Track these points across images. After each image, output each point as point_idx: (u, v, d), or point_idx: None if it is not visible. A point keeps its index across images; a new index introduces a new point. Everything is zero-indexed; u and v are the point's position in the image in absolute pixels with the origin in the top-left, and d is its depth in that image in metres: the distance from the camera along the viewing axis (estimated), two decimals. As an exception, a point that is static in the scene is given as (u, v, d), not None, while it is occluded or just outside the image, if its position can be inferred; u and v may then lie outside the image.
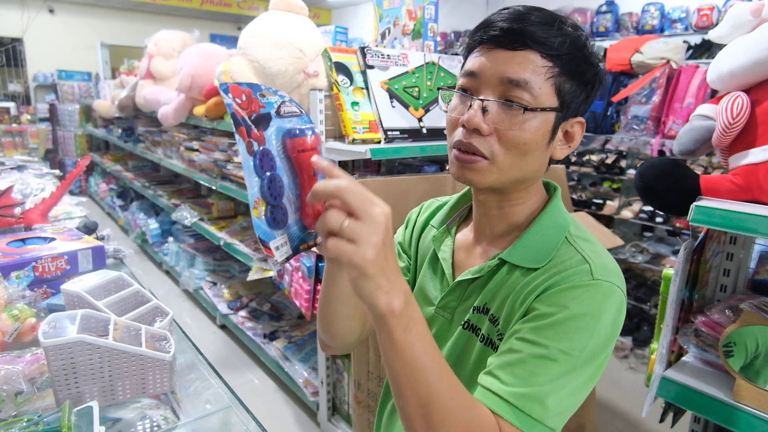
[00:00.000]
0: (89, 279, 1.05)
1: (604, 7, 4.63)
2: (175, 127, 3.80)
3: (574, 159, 4.02)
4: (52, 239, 1.34)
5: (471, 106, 0.71)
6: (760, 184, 1.11)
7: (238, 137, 0.58)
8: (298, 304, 2.24)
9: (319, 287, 2.09)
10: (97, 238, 1.47)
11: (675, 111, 2.66)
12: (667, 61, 2.71)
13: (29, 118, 6.29)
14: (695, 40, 4.09)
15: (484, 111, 0.71)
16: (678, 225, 3.24)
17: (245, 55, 2.10)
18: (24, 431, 0.70)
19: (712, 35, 1.31)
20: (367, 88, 2.02)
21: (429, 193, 1.91)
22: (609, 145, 3.04)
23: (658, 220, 3.26)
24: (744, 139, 1.17)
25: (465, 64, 0.77)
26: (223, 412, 0.93)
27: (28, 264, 1.18)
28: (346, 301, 0.77)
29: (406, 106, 2.07)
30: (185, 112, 3.31)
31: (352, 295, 0.76)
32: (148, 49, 3.97)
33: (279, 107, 0.62)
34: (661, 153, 2.71)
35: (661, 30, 4.28)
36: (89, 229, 1.69)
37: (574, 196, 3.83)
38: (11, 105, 5.67)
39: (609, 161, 3.81)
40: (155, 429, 0.84)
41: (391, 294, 0.56)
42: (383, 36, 2.37)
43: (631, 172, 3.61)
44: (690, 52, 4.00)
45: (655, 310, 3.13)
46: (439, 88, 0.81)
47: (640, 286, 3.39)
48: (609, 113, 2.99)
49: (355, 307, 0.79)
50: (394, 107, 2.04)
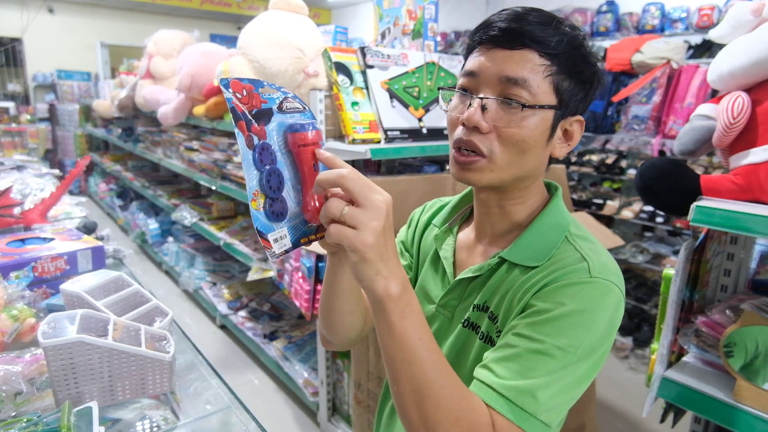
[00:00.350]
0: (89, 279, 1.04)
1: (604, 7, 4.63)
2: (175, 127, 3.80)
3: (574, 159, 4.02)
4: (52, 239, 1.34)
5: (470, 105, 0.73)
6: (761, 183, 1.11)
7: (237, 131, 0.59)
8: (298, 304, 2.23)
9: (319, 287, 2.08)
10: (97, 238, 1.46)
11: (675, 111, 2.66)
12: (668, 60, 2.70)
13: (29, 118, 6.28)
14: (696, 39, 4.09)
15: (484, 109, 0.72)
16: (678, 225, 3.24)
17: (245, 55, 2.10)
18: (23, 431, 0.70)
19: (713, 35, 1.31)
20: (367, 88, 2.02)
21: (429, 193, 1.91)
22: (609, 145, 3.04)
23: (659, 220, 3.26)
24: (744, 138, 1.17)
25: (465, 64, 0.78)
26: (223, 413, 0.93)
27: (28, 264, 1.18)
28: (347, 297, 0.78)
29: (406, 106, 2.07)
30: (185, 111, 3.31)
31: (354, 291, 0.78)
32: (148, 48, 3.97)
33: (281, 103, 0.63)
34: (661, 153, 2.70)
35: (662, 30, 4.28)
36: (89, 229, 1.69)
37: (575, 196, 3.83)
38: (11, 105, 5.67)
39: (609, 161, 3.81)
40: (155, 429, 0.84)
41: (389, 279, 0.60)
42: (383, 36, 2.36)
43: (632, 172, 3.61)
44: (690, 51, 4.00)
45: (656, 311, 3.13)
46: (439, 88, 0.82)
47: (640, 287, 3.39)
48: (609, 113, 2.98)
49: (356, 302, 0.81)
50: (394, 107, 2.03)
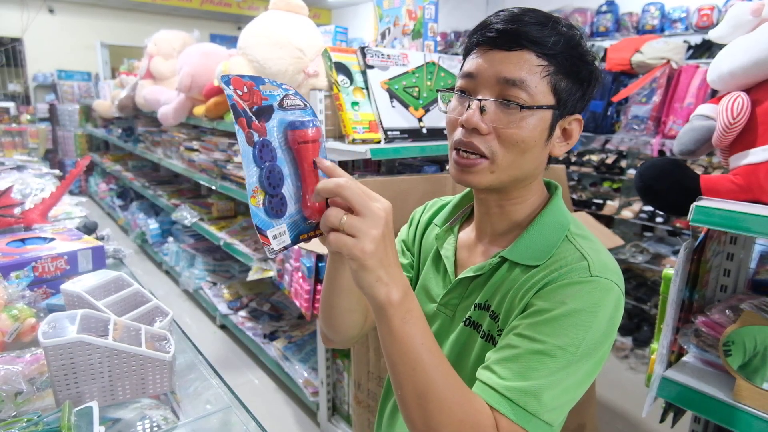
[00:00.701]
0: (89, 279, 1.05)
1: (604, 7, 4.63)
2: (175, 127, 3.80)
3: (574, 159, 4.01)
4: (52, 239, 1.34)
5: (469, 107, 0.73)
6: (761, 184, 1.11)
7: (237, 128, 0.59)
8: (298, 304, 2.23)
9: (319, 287, 2.08)
10: (97, 238, 1.47)
11: (675, 111, 2.66)
12: (668, 61, 2.70)
13: (29, 118, 6.28)
14: (695, 40, 4.09)
15: (482, 111, 0.72)
16: (678, 225, 3.24)
17: (245, 55, 2.10)
18: (24, 431, 0.70)
19: (713, 35, 1.31)
20: (367, 88, 2.02)
21: (429, 193, 1.91)
22: (609, 145, 3.04)
23: (659, 220, 3.26)
24: (744, 139, 1.17)
25: (463, 65, 0.78)
26: (223, 413, 0.93)
27: (28, 264, 1.18)
28: (348, 295, 0.79)
29: (406, 106, 2.07)
30: (185, 112, 3.31)
31: (354, 290, 0.78)
32: (148, 49, 3.97)
33: (282, 100, 0.63)
34: (661, 153, 2.71)
35: (662, 30, 4.28)
36: (89, 229, 1.69)
37: (574, 196, 3.83)
38: (11, 105, 5.67)
39: (609, 161, 3.81)
40: (155, 429, 0.84)
41: (390, 286, 0.60)
42: (383, 36, 2.37)
43: (632, 172, 3.61)
44: (690, 52, 4.00)
45: (656, 311, 3.13)
46: (438, 90, 0.82)
47: (640, 286, 3.39)
48: (609, 113, 2.99)
49: (357, 301, 0.81)
50: (394, 107, 2.03)
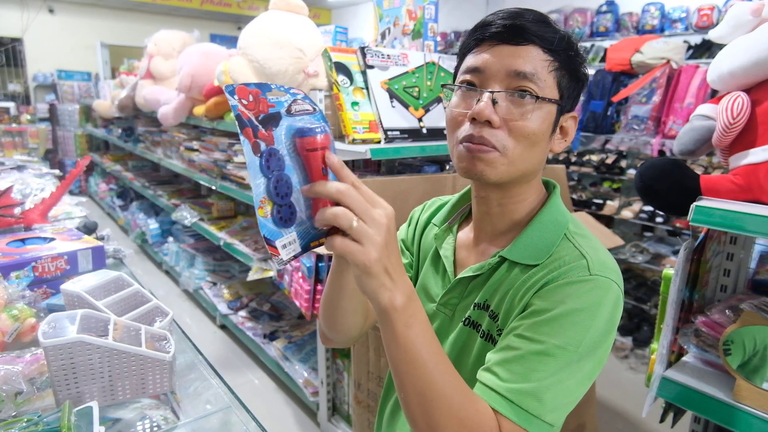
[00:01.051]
0: (89, 279, 1.04)
1: (604, 7, 4.63)
2: (175, 127, 3.80)
3: (574, 159, 4.01)
4: (52, 239, 1.34)
5: (480, 100, 0.72)
6: (761, 184, 1.11)
7: (243, 138, 0.58)
8: (298, 304, 2.23)
9: (319, 287, 2.08)
10: (97, 238, 1.47)
11: (675, 111, 2.66)
12: (668, 61, 2.70)
13: (29, 118, 6.29)
14: (695, 40, 4.10)
15: (494, 103, 0.71)
16: (678, 225, 3.24)
17: (245, 55, 2.10)
18: (24, 431, 0.70)
19: (713, 35, 1.31)
20: (367, 88, 2.02)
21: (429, 193, 1.91)
22: (609, 145, 3.04)
23: (659, 220, 3.26)
24: (744, 139, 1.17)
25: (463, 63, 0.78)
26: (223, 413, 0.93)
27: (28, 264, 1.18)
28: (351, 296, 0.78)
29: (406, 106, 2.07)
30: (185, 112, 3.31)
31: (357, 291, 0.77)
32: (148, 49, 3.97)
33: (290, 106, 0.61)
34: (661, 153, 2.70)
35: (662, 30, 4.28)
36: (89, 229, 1.69)
37: (574, 196, 3.83)
38: (11, 105, 5.67)
39: (609, 161, 3.81)
40: (155, 429, 0.84)
41: (394, 291, 0.60)
42: (383, 36, 2.37)
43: (631, 172, 3.61)
44: (690, 52, 4.00)
45: (656, 311, 3.13)
46: (443, 85, 0.82)
47: (640, 286, 3.39)
48: (609, 113, 2.98)
49: (359, 302, 0.81)
50: (394, 107, 2.03)
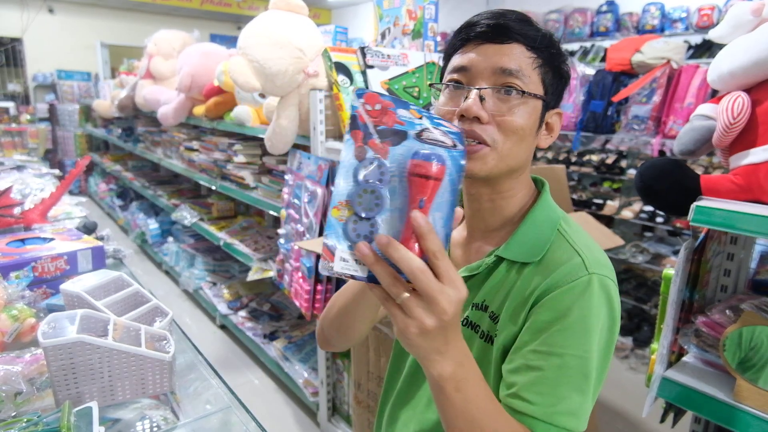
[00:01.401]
0: (89, 279, 1.04)
1: (604, 7, 4.63)
2: (175, 127, 3.80)
3: (574, 159, 4.01)
4: (52, 239, 1.34)
5: (468, 97, 0.73)
6: (761, 184, 1.11)
7: (348, 137, 0.56)
8: (298, 304, 2.23)
9: (319, 287, 2.08)
10: (97, 238, 1.46)
11: (675, 111, 2.66)
12: (668, 60, 2.70)
13: (29, 118, 6.28)
14: (696, 39, 4.09)
15: (481, 100, 0.73)
16: (678, 225, 3.23)
17: (245, 55, 2.10)
18: (23, 431, 0.70)
19: (713, 35, 1.31)
20: (367, 88, 2.02)
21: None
22: (609, 145, 3.04)
23: (659, 220, 3.26)
24: (744, 138, 1.17)
25: (450, 63, 0.80)
26: (223, 413, 0.93)
27: (28, 264, 1.18)
28: (369, 307, 0.80)
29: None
30: (185, 111, 3.31)
31: (376, 304, 0.80)
32: (148, 48, 3.97)
33: (422, 132, 0.57)
34: (661, 153, 2.70)
35: (662, 30, 4.28)
36: (89, 229, 1.69)
37: (575, 196, 3.83)
38: (11, 105, 5.67)
39: (609, 161, 3.81)
40: (155, 429, 0.84)
41: (442, 362, 0.58)
42: (383, 36, 2.36)
43: (632, 172, 3.61)
44: (690, 51, 4.00)
45: (656, 311, 3.13)
46: (430, 84, 0.83)
47: (640, 287, 3.39)
48: (609, 113, 2.98)
49: (375, 312, 0.83)
50: (394, 107, 2.03)
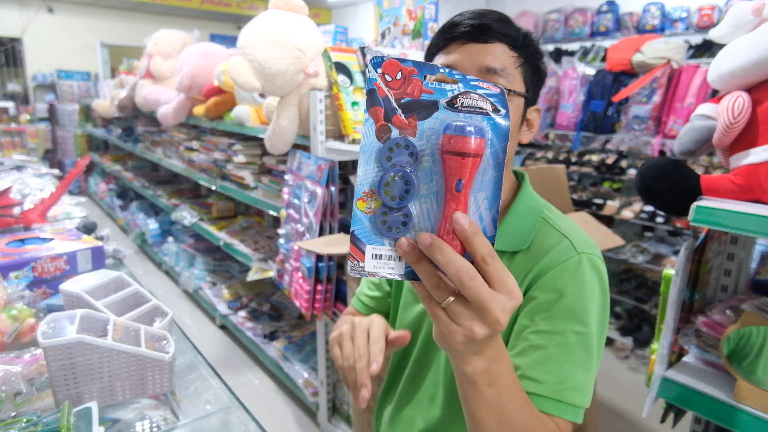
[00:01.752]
0: (88, 279, 1.04)
1: (604, 7, 4.62)
2: (175, 127, 3.80)
3: (574, 159, 4.01)
4: (51, 239, 1.34)
5: None
6: (761, 183, 1.11)
7: (367, 116, 0.48)
8: (297, 304, 2.23)
9: (319, 287, 2.08)
10: (97, 238, 1.46)
11: (676, 111, 2.66)
12: (668, 60, 2.70)
13: (28, 118, 6.29)
14: (696, 39, 4.09)
15: None
16: (679, 225, 3.23)
17: (245, 55, 2.10)
18: (23, 431, 0.70)
19: (713, 35, 1.31)
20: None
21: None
22: (609, 145, 3.04)
23: (659, 220, 3.26)
24: (745, 138, 1.17)
25: (434, 62, 0.81)
26: (223, 413, 0.93)
27: (27, 264, 1.18)
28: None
29: (406, 106, 2.07)
30: (185, 111, 3.31)
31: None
32: (148, 48, 3.97)
33: (456, 98, 0.48)
34: (661, 153, 2.70)
35: (662, 30, 4.27)
36: (88, 229, 1.69)
37: (575, 196, 3.82)
38: (10, 105, 5.67)
39: (609, 161, 3.81)
40: (155, 429, 0.84)
41: (478, 361, 0.55)
42: (383, 36, 2.36)
43: (632, 172, 3.61)
44: (691, 51, 4.00)
45: (656, 311, 3.13)
46: None
47: (640, 287, 3.39)
48: (609, 113, 2.98)
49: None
50: (394, 107, 2.03)
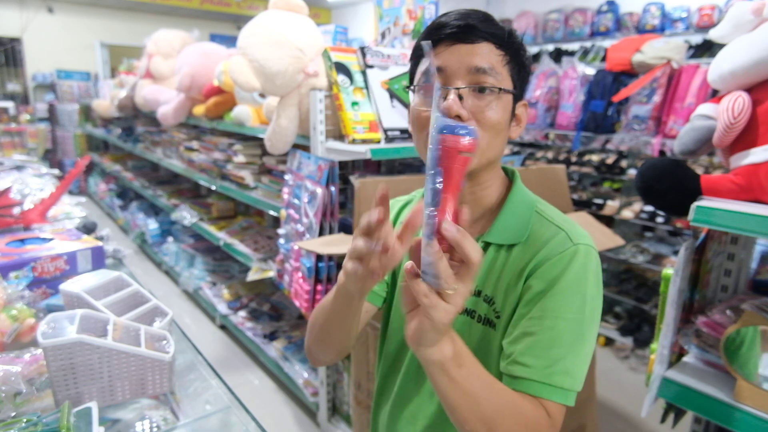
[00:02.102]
0: (88, 279, 1.04)
1: (604, 7, 4.62)
2: (175, 127, 3.80)
3: (574, 159, 4.01)
4: (51, 239, 1.34)
5: (447, 97, 0.75)
6: (761, 183, 1.11)
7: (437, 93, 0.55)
8: (297, 304, 2.23)
9: (319, 287, 2.08)
10: (97, 239, 1.46)
11: (676, 111, 2.66)
12: (668, 60, 2.70)
13: (28, 117, 6.29)
14: (696, 39, 4.09)
15: (460, 99, 0.76)
16: (679, 225, 3.23)
17: (245, 55, 2.09)
18: (23, 431, 0.70)
19: (713, 35, 1.31)
20: (367, 88, 2.02)
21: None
22: (609, 145, 3.03)
23: (659, 220, 3.26)
24: (745, 138, 1.17)
25: (421, 64, 0.82)
26: (223, 413, 0.93)
27: (27, 264, 1.18)
28: (356, 313, 0.80)
29: (407, 106, 2.07)
30: (185, 111, 3.31)
31: (360, 311, 0.81)
32: (148, 48, 3.97)
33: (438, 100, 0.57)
34: (662, 153, 2.70)
35: (662, 29, 4.27)
36: (88, 229, 1.69)
37: (575, 196, 3.82)
38: (10, 105, 5.67)
39: (609, 161, 3.80)
40: (155, 429, 0.84)
41: (444, 343, 0.62)
42: (383, 36, 2.36)
43: (632, 172, 3.61)
44: (691, 51, 3.99)
45: (656, 311, 3.13)
46: (406, 87, 0.84)
47: (640, 287, 3.39)
48: (609, 113, 2.98)
49: (359, 317, 0.83)
50: (394, 107, 2.03)
